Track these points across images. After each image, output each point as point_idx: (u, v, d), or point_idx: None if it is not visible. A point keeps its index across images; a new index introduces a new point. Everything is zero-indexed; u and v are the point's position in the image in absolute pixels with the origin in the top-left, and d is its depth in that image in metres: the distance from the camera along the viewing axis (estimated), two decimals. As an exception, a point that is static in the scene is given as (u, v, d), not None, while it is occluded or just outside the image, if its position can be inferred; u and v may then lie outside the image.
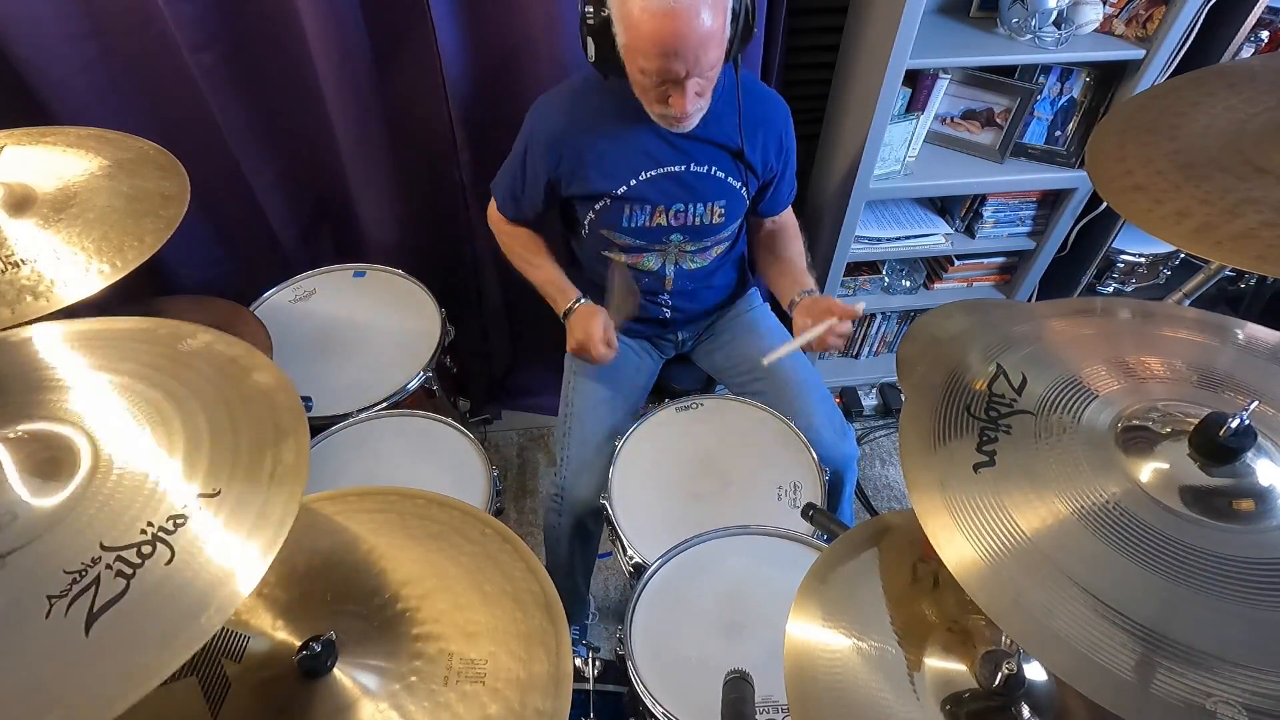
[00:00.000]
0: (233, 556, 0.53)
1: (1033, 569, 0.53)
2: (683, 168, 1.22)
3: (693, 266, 1.36)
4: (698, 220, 1.27)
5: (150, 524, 0.54)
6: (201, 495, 0.56)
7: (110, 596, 0.50)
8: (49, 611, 0.49)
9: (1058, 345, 0.69)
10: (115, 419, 0.61)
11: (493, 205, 1.37)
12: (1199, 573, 0.51)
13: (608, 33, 1.03)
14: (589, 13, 1.03)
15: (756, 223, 1.43)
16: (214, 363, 0.67)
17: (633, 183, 1.22)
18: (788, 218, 1.43)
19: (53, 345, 0.69)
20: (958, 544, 0.55)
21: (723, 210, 1.27)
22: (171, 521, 0.54)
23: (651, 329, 1.49)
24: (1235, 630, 0.49)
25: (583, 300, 1.31)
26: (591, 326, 1.24)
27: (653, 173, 1.21)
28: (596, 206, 1.25)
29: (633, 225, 1.27)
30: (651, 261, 1.34)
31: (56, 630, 0.49)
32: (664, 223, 1.27)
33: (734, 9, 1.02)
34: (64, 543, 0.53)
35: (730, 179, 1.25)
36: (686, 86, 1.04)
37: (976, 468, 0.59)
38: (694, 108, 1.08)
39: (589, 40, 1.06)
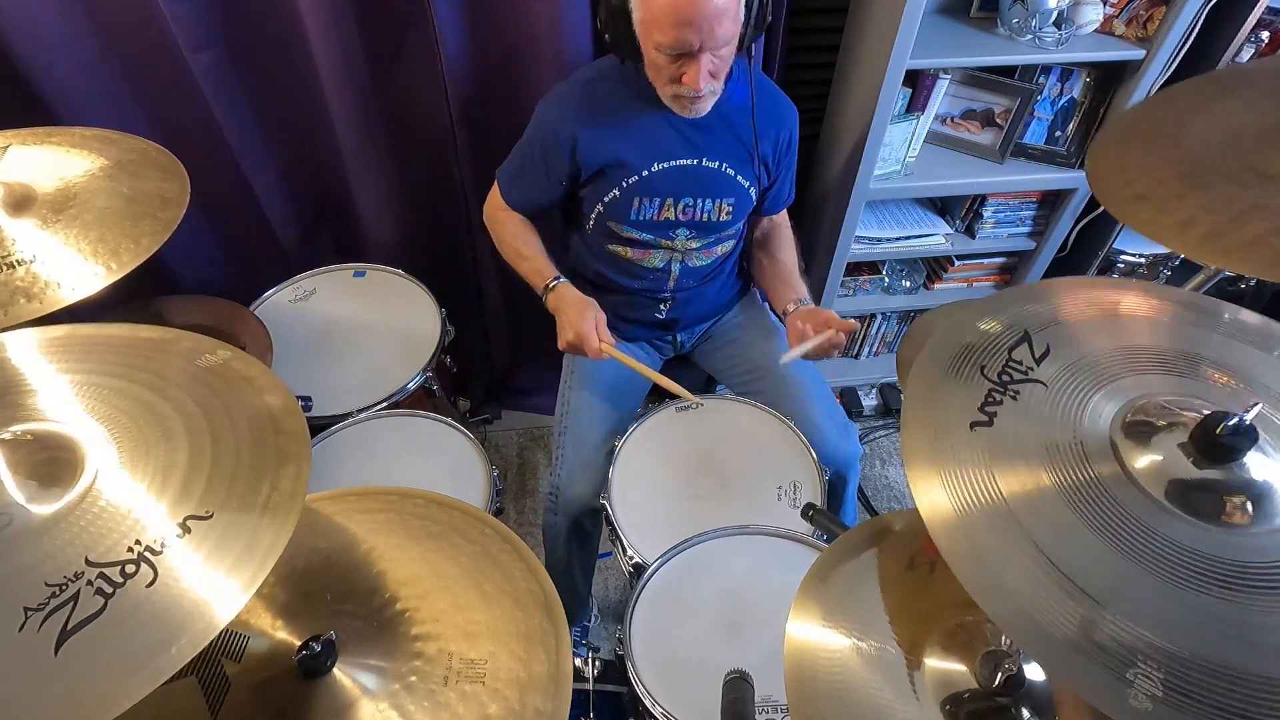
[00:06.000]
0: (214, 585, 0.51)
1: (1000, 526, 0.54)
2: (695, 161, 1.22)
3: (698, 264, 1.36)
4: (705, 216, 1.27)
5: (139, 541, 0.52)
6: (193, 517, 0.54)
7: (86, 615, 0.48)
8: (23, 624, 0.48)
9: (1082, 327, 0.68)
10: (121, 429, 0.60)
11: (493, 193, 1.35)
12: (1153, 553, 0.53)
13: (624, 12, 1.05)
14: None
15: (753, 221, 1.43)
16: (229, 381, 0.66)
17: (644, 174, 1.22)
18: (783, 219, 1.44)
19: (66, 347, 0.68)
20: (935, 493, 0.56)
21: (730, 208, 1.28)
22: (159, 541, 0.53)
23: (648, 331, 1.48)
24: (1175, 612, 0.50)
25: (561, 280, 1.26)
26: (584, 324, 1.19)
27: (664, 165, 1.22)
28: (605, 199, 1.25)
29: (640, 218, 1.26)
30: (657, 259, 1.34)
31: (27, 645, 0.47)
32: (671, 216, 1.27)
33: None
34: (50, 553, 0.51)
35: (740, 177, 1.25)
36: (700, 61, 1.05)
37: (973, 425, 0.60)
38: (707, 86, 1.08)
39: (608, 21, 1.07)
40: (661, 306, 1.42)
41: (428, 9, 1.31)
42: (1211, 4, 1.38)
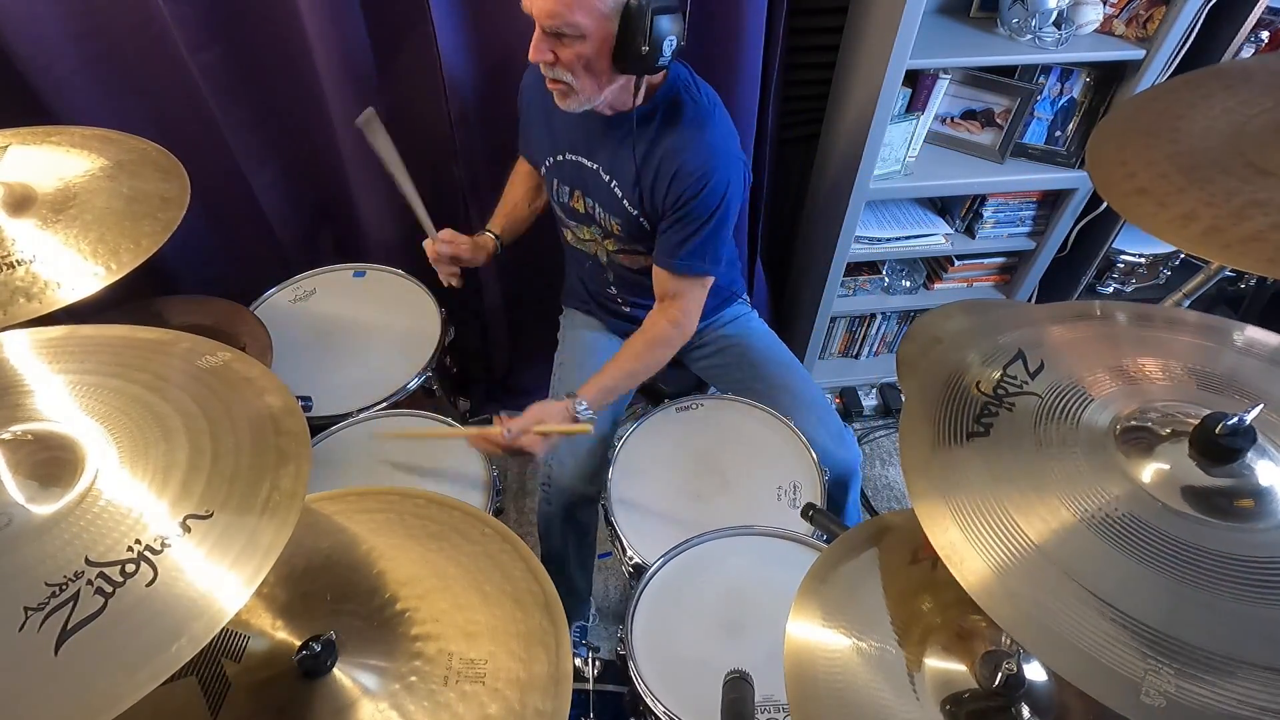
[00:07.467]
0: (214, 583, 0.51)
1: (1035, 570, 0.54)
2: (594, 167, 1.22)
3: (626, 265, 1.34)
4: (603, 221, 1.27)
5: (139, 541, 0.52)
6: (193, 517, 0.54)
7: (86, 615, 0.48)
8: (23, 624, 0.48)
9: (1067, 347, 0.69)
10: (121, 429, 0.60)
11: None
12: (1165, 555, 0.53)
13: None
14: None
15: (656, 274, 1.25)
16: (229, 382, 0.66)
17: (557, 158, 1.25)
18: (672, 301, 1.22)
19: (66, 349, 0.68)
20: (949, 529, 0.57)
21: (619, 225, 1.24)
22: (159, 541, 0.52)
23: (623, 325, 1.47)
24: (1167, 601, 0.51)
25: (489, 233, 1.39)
26: (440, 246, 1.32)
27: (570, 156, 1.24)
28: (541, 172, 1.31)
29: (561, 201, 1.30)
30: (589, 249, 1.36)
31: (26, 645, 0.47)
32: (581, 209, 1.28)
33: (626, 7, 0.96)
34: (50, 553, 0.51)
35: (626, 201, 1.20)
36: (534, 38, 1.02)
37: (969, 436, 0.62)
38: (542, 66, 1.04)
39: None
40: (624, 306, 1.42)
41: (427, 9, 1.31)
42: (1211, 4, 1.38)
